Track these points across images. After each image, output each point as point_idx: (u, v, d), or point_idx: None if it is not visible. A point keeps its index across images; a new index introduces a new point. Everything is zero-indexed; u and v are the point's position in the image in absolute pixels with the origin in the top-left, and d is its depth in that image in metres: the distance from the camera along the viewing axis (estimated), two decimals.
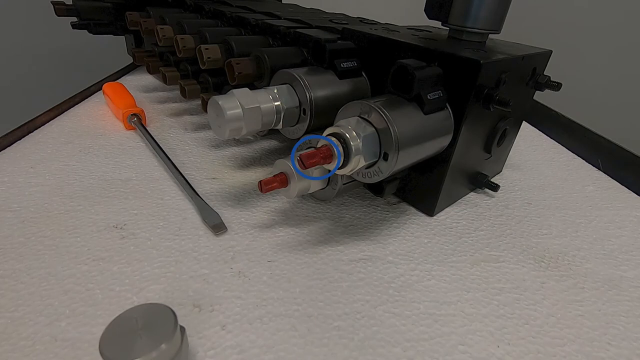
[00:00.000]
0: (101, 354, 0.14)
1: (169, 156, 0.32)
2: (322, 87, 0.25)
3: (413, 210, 0.28)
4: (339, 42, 0.27)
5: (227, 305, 0.19)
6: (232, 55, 0.31)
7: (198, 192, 0.28)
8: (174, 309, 0.18)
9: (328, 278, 0.22)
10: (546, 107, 0.49)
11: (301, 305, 0.20)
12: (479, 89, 0.23)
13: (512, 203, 0.30)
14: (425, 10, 0.28)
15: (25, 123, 0.37)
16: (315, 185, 0.24)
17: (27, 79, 0.69)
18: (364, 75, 0.28)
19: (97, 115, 0.41)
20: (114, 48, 0.63)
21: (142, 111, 0.38)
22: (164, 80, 0.39)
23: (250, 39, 0.33)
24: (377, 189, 0.26)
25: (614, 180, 0.35)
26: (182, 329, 0.16)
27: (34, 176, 0.29)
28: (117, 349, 0.14)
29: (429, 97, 0.22)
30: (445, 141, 0.24)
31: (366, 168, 0.21)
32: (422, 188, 0.27)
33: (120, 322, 0.15)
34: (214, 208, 0.26)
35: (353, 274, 0.22)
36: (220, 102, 0.23)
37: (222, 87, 0.37)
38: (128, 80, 0.54)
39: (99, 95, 0.47)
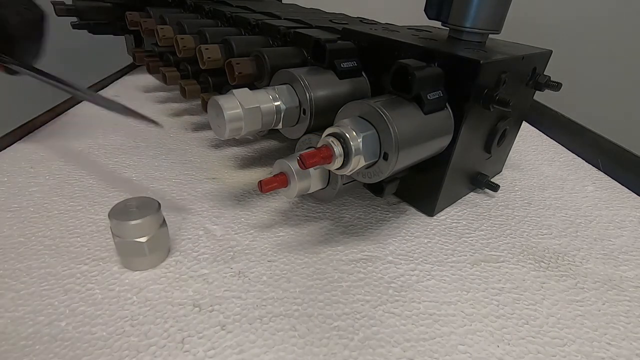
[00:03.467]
0: (110, 218, 0.20)
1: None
2: (322, 87, 0.25)
3: (413, 210, 0.28)
4: (339, 42, 0.27)
5: (227, 305, 0.19)
6: (232, 55, 0.31)
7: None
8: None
9: (328, 278, 0.22)
10: (546, 107, 0.49)
11: (301, 305, 0.20)
12: (479, 89, 0.23)
13: (512, 203, 0.31)
14: (425, 11, 0.28)
15: (25, 123, 0.37)
16: (315, 186, 0.24)
17: (27, 79, 0.69)
18: (364, 75, 0.28)
19: (98, 115, 0.41)
20: (114, 48, 0.63)
21: None
22: (164, 80, 0.39)
23: (250, 39, 0.33)
24: (377, 189, 0.26)
25: (614, 180, 0.35)
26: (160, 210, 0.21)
27: (34, 176, 0.29)
28: (122, 217, 0.20)
29: (429, 97, 0.22)
30: (445, 141, 0.24)
31: (366, 168, 0.21)
32: (422, 188, 0.27)
33: (121, 205, 0.20)
34: (214, 208, 0.27)
35: (353, 274, 0.22)
36: (220, 102, 0.23)
37: (222, 87, 0.37)
38: (128, 80, 0.54)
39: None
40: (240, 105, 0.23)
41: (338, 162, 0.20)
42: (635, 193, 0.34)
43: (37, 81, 0.30)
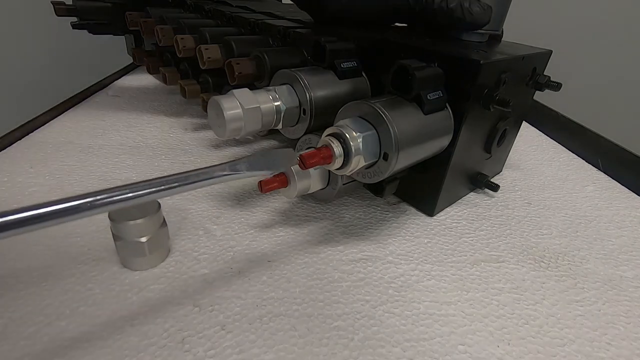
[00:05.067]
0: (110, 218, 0.20)
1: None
2: (322, 87, 0.25)
3: (413, 210, 0.28)
4: (339, 42, 0.27)
5: (227, 305, 0.19)
6: (232, 55, 0.31)
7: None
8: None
9: (328, 278, 0.22)
10: (546, 107, 0.49)
11: (301, 305, 0.20)
12: (479, 89, 0.23)
13: (512, 203, 0.30)
14: None
15: (25, 123, 0.37)
16: (315, 186, 0.24)
17: (27, 79, 0.69)
18: (364, 76, 0.28)
19: (97, 115, 0.41)
20: (114, 48, 0.63)
21: None
22: (164, 80, 0.39)
23: (250, 39, 0.33)
24: (377, 189, 0.25)
25: (614, 180, 0.35)
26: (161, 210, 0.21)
27: (34, 176, 0.29)
28: (122, 217, 0.20)
29: (429, 98, 0.22)
30: (445, 141, 0.24)
31: (366, 168, 0.21)
32: (422, 188, 0.27)
33: None
34: (214, 208, 0.26)
35: (353, 274, 0.22)
36: (220, 102, 0.23)
37: (222, 87, 0.37)
38: (128, 80, 0.54)
39: (99, 96, 0.47)
40: (240, 106, 0.23)
41: (338, 163, 0.20)
42: (635, 193, 0.34)
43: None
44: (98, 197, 0.14)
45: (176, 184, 0.16)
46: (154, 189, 0.15)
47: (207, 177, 0.17)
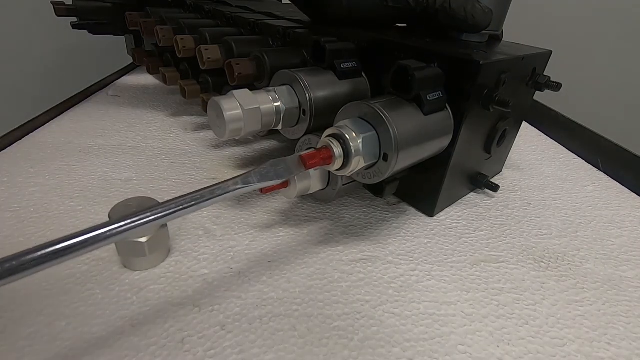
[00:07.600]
0: (110, 218, 0.18)
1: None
2: (322, 87, 0.25)
3: (413, 210, 0.28)
4: (339, 42, 0.27)
5: (227, 305, 0.19)
6: (232, 55, 0.31)
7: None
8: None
9: (328, 278, 0.22)
10: (546, 107, 0.49)
11: (301, 305, 0.20)
12: (478, 89, 0.23)
13: (512, 203, 0.31)
14: None
15: (25, 123, 0.37)
16: (315, 186, 0.24)
17: (27, 79, 0.69)
18: (364, 76, 0.28)
19: (97, 115, 0.41)
20: (114, 48, 0.63)
21: None
22: (164, 80, 0.39)
23: (250, 39, 0.33)
24: (377, 189, 0.26)
25: (614, 180, 0.35)
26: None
27: (34, 176, 0.29)
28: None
29: (428, 98, 0.22)
30: (445, 142, 0.24)
31: (366, 169, 0.21)
32: (422, 188, 0.27)
33: (121, 205, 0.21)
34: (214, 208, 0.26)
35: (353, 274, 0.22)
36: (220, 103, 0.23)
37: (222, 88, 0.37)
38: (128, 80, 0.54)
39: (99, 96, 0.47)
40: (240, 106, 0.23)
41: (338, 163, 0.20)
42: (635, 193, 0.34)
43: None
44: (116, 226, 0.14)
45: (192, 203, 0.17)
46: (170, 211, 0.16)
47: (221, 193, 0.18)
